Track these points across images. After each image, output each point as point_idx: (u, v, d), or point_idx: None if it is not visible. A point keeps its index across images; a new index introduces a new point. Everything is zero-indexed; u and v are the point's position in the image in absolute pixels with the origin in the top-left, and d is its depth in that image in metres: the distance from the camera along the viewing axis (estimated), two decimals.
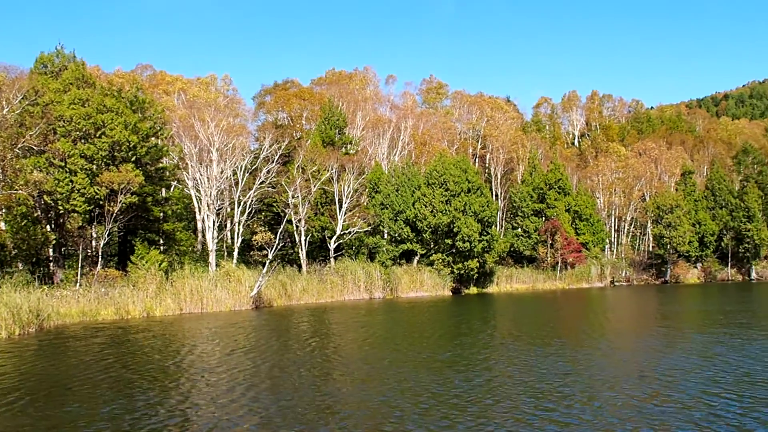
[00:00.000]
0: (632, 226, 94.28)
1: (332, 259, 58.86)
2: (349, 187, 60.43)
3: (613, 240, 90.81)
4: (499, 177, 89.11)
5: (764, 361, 20.05)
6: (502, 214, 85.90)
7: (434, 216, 62.31)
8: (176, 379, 19.06)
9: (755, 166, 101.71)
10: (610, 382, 17.48)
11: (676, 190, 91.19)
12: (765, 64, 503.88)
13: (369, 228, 61.24)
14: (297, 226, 56.67)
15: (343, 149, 65.89)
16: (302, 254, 56.85)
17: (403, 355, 22.78)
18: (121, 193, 40.58)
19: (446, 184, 63.73)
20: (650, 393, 16.01)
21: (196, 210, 56.33)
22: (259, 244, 53.41)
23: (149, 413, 14.70)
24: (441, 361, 21.29)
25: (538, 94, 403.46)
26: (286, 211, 55.24)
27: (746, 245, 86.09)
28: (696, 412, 13.97)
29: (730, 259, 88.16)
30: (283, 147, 57.49)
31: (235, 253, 53.26)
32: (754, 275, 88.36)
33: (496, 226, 72.62)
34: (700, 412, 14.03)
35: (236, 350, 24.69)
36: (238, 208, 53.91)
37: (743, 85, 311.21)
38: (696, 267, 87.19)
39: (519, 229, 79.13)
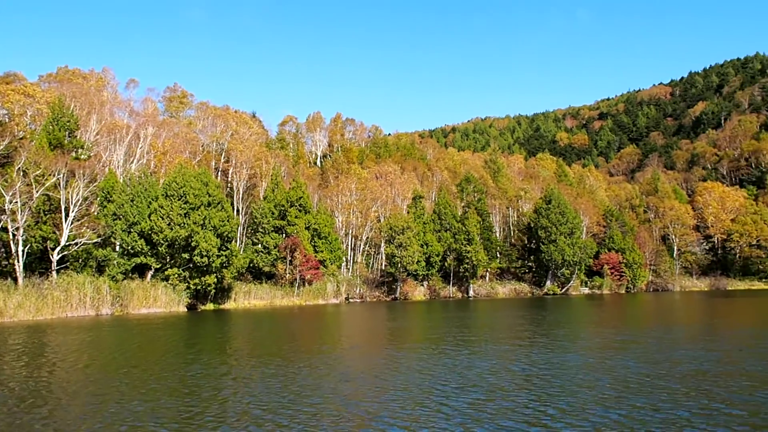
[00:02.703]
0: (367, 245, 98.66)
1: (55, 272, 53.93)
2: (78, 194, 55.94)
3: (349, 258, 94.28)
4: (241, 192, 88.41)
5: (460, 372, 21.75)
6: (243, 229, 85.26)
7: (171, 229, 59.97)
8: None
9: (475, 194, 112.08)
10: (321, 399, 17.86)
11: (408, 212, 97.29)
12: (486, 104, 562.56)
13: (99, 239, 57.24)
14: (14, 235, 51.15)
15: (74, 153, 61.08)
16: (19, 266, 51.36)
17: (123, 380, 21.26)
18: None
19: (186, 197, 61.76)
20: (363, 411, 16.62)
21: None
22: None
23: None
24: (164, 386, 20.23)
25: (284, 113, 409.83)
26: (2, 218, 49.60)
27: (466, 265, 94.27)
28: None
29: (452, 278, 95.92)
30: (1, 147, 51.62)
31: None
32: (471, 293, 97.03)
33: (236, 241, 71.83)
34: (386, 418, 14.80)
35: None
36: None
37: (468, 121, 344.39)
38: (423, 285, 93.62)
39: (259, 245, 79.00)
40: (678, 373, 20.72)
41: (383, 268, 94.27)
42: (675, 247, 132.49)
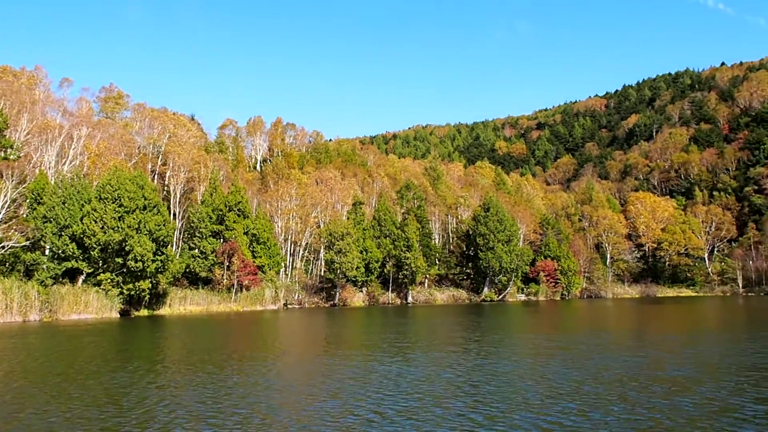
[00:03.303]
0: (307, 250, 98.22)
1: None
2: (5, 196, 54.10)
3: (288, 264, 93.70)
4: (178, 195, 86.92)
5: (393, 379, 21.83)
6: (180, 233, 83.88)
7: (105, 233, 58.50)
8: None
9: (415, 200, 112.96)
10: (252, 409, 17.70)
11: (348, 218, 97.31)
12: (427, 112, 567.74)
13: (27, 243, 55.44)
14: None
15: (2, 153, 59.09)
16: None
17: (43, 389, 20.47)
18: None
19: (120, 200, 60.35)
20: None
21: None
22: None
23: None
24: (86, 394, 19.61)
25: (223, 116, 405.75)
26: None
27: (405, 272, 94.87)
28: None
29: (391, 284, 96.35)
30: None
31: None
32: (410, 299, 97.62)
33: (172, 245, 70.60)
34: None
35: None
36: None
37: (409, 128, 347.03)
38: (362, 291, 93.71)
39: (196, 250, 77.82)
40: (605, 378, 21.26)
41: (322, 274, 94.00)
42: (608, 255, 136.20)
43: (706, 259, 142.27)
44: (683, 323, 51.48)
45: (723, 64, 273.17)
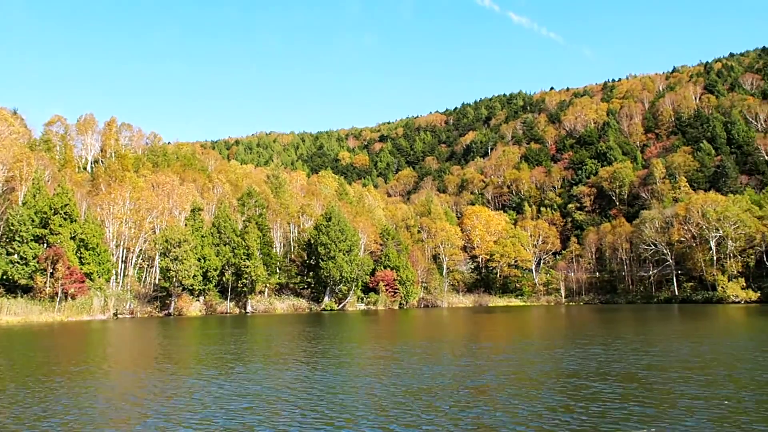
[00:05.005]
0: (140, 257, 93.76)
1: None
2: None
3: (120, 271, 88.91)
4: None
5: (202, 395, 21.11)
6: None
7: None
8: None
9: (257, 208, 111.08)
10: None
11: (186, 225, 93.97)
12: (271, 119, 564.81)
13: None
14: None
15: None
16: None
17: None
18: None
19: None
20: None
21: None
22: None
23: None
24: None
25: (51, 112, 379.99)
26: None
27: (245, 280, 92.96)
28: None
29: (230, 293, 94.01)
30: None
31: None
32: (249, 308, 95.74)
33: None
34: None
35: None
36: None
37: (252, 134, 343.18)
38: (199, 300, 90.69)
39: (15, 255, 71.90)
40: (435, 388, 21.64)
41: (157, 282, 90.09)
42: (444, 266, 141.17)
43: (534, 270, 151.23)
44: (509, 331, 54.01)
45: (552, 88, 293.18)
